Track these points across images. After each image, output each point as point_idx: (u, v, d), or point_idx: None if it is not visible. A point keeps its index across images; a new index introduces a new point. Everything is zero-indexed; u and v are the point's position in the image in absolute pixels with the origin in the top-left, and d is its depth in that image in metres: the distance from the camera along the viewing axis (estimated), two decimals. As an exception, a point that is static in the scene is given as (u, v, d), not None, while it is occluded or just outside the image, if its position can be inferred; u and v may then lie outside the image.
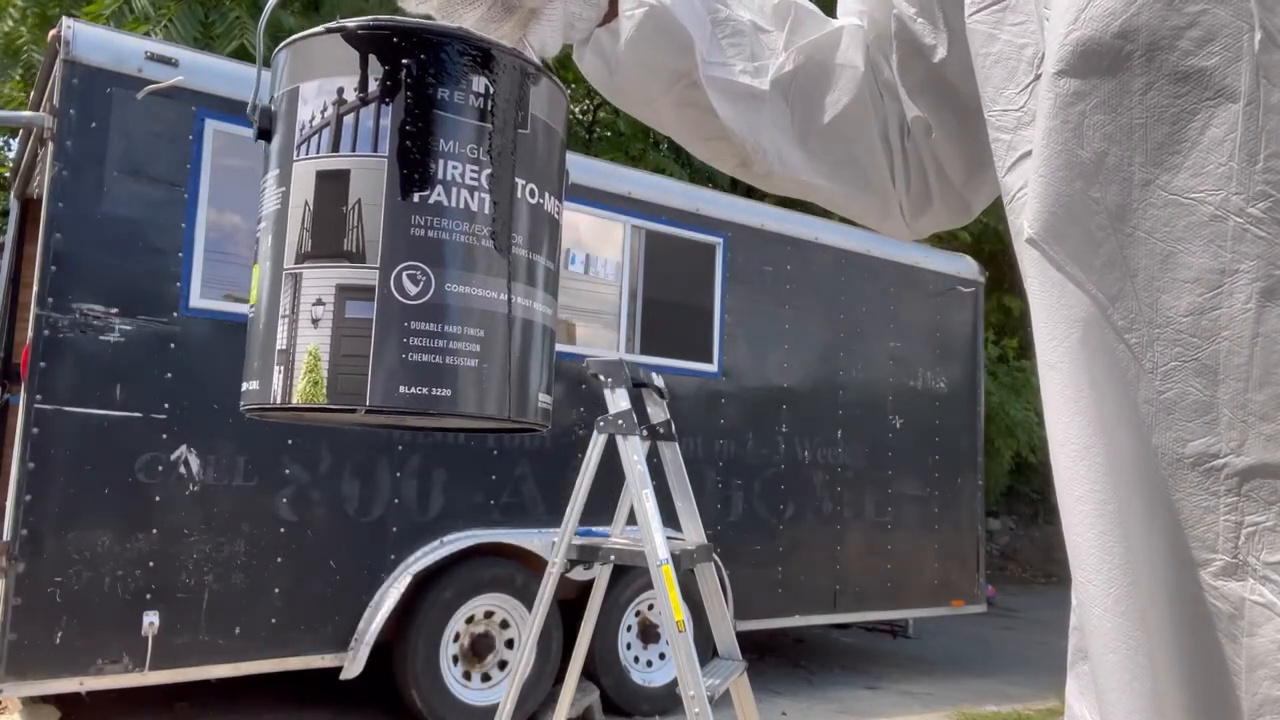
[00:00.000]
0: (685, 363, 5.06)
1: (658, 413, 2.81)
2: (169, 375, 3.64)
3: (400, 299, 0.65)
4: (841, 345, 5.74)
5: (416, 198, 0.66)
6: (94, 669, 3.44)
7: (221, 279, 3.79)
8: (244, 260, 3.90)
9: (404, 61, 0.66)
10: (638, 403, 2.71)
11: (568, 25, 0.73)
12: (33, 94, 4.24)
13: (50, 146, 3.49)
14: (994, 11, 0.57)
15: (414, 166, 0.66)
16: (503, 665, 4.43)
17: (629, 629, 4.85)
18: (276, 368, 0.65)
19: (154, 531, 3.57)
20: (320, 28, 0.68)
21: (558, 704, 2.93)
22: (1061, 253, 0.49)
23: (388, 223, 0.65)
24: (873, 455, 5.82)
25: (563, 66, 7.47)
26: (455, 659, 4.32)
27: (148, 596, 3.54)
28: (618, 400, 2.64)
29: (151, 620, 3.52)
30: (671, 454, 2.77)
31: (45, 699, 3.83)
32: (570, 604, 4.15)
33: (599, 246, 4.90)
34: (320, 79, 0.67)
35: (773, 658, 6.23)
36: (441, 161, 0.66)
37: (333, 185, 0.66)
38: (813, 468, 5.52)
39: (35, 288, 3.45)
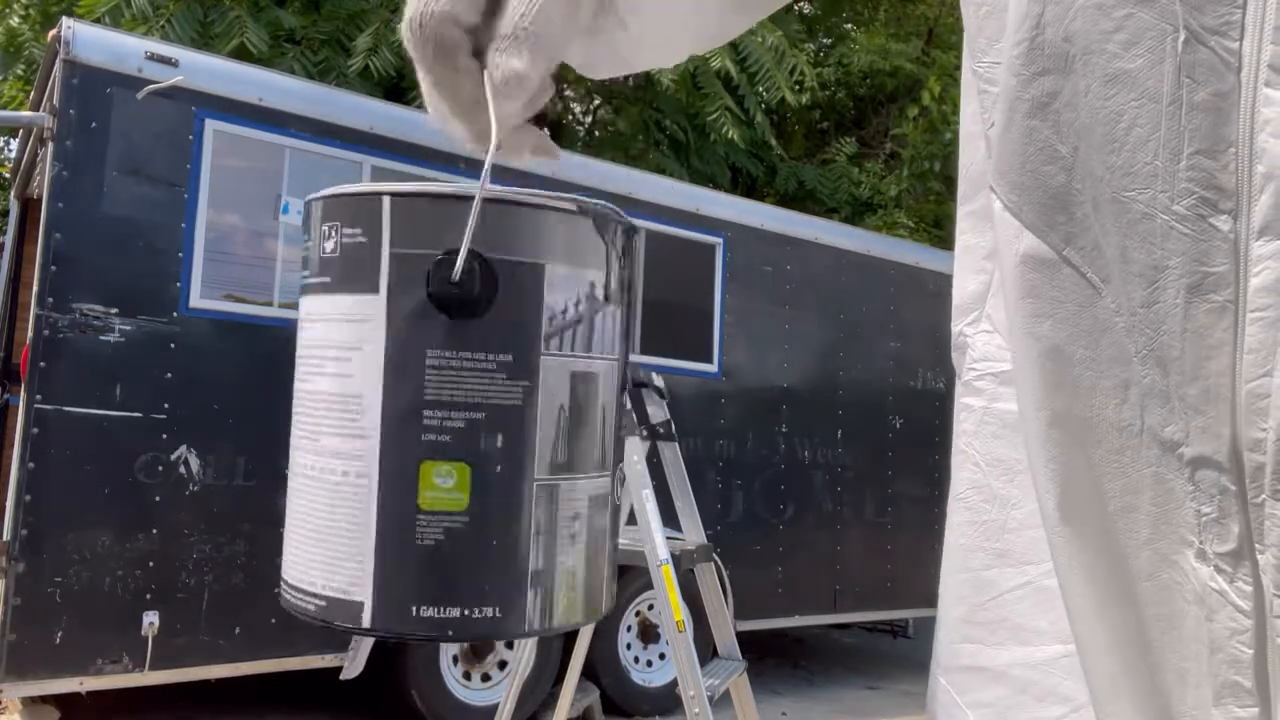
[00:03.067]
0: (685, 363, 5.06)
1: (658, 413, 2.81)
2: (169, 375, 3.64)
3: (616, 503, 0.63)
4: (841, 345, 5.74)
5: (625, 400, 0.64)
6: (94, 669, 3.44)
7: (221, 279, 3.79)
8: (245, 260, 3.90)
9: (627, 257, 0.64)
10: (638, 403, 2.71)
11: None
12: (33, 94, 4.24)
13: (50, 146, 3.49)
14: None
15: (625, 366, 0.64)
16: (503, 665, 4.43)
17: (629, 629, 4.85)
18: (530, 591, 0.59)
19: (154, 531, 3.57)
20: (566, 200, 0.60)
21: (558, 704, 2.93)
22: (1056, 238, 0.51)
23: (615, 426, 0.63)
24: (873, 455, 5.82)
25: (562, 66, 7.45)
26: (455, 659, 4.32)
27: (148, 596, 3.54)
28: (618, 400, 2.63)
29: (151, 620, 3.52)
30: (671, 454, 2.77)
31: (45, 699, 3.83)
32: (570, 604, 4.15)
33: (599, 246, 4.90)
34: (573, 267, 0.60)
35: (773, 658, 6.23)
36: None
37: (585, 388, 0.60)
38: (813, 468, 5.52)
39: (35, 288, 3.45)
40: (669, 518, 2.60)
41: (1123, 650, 0.49)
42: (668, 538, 2.50)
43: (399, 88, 6.64)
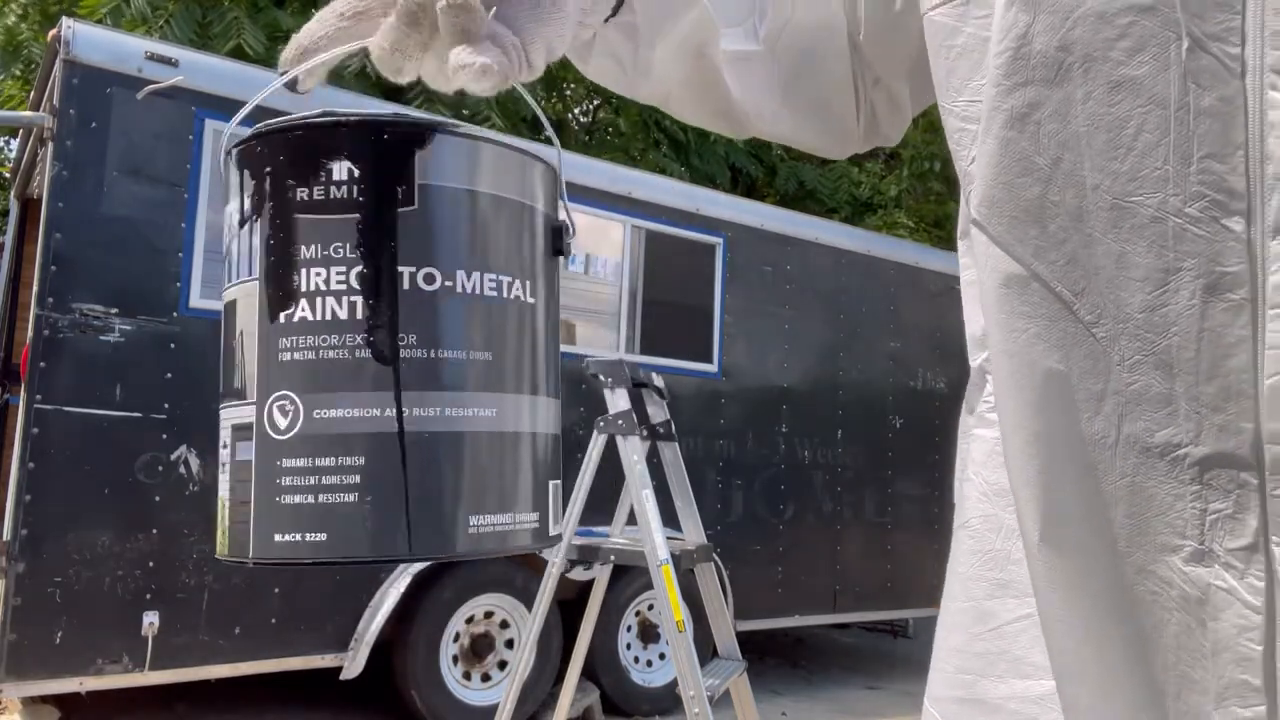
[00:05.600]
0: (685, 363, 5.06)
1: (658, 413, 2.81)
2: (169, 375, 3.64)
3: (273, 435, 0.59)
4: (841, 345, 5.74)
5: (282, 318, 0.59)
6: (94, 669, 3.43)
7: (222, 279, 3.79)
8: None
9: (267, 169, 0.60)
10: (638, 403, 2.71)
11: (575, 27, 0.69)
12: (33, 94, 4.24)
13: (50, 146, 3.49)
14: (956, 6, 0.59)
15: (279, 283, 0.60)
16: (503, 665, 4.43)
17: (629, 629, 4.85)
18: (217, 517, 0.63)
19: (154, 531, 3.57)
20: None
21: (558, 704, 2.93)
22: (1024, 252, 0.51)
23: (259, 351, 0.60)
24: (873, 455, 5.82)
25: (562, 66, 7.46)
26: (455, 659, 4.32)
27: (148, 596, 3.54)
28: (618, 400, 2.64)
29: (151, 620, 3.52)
30: (671, 454, 2.77)
31: (45, 699, 3.83)
32: (570, 604, 4.15)
33: (599, 246, 4.90)
34: (227, 205, 0.64)
35: (773, 658, 6.23)
36: (304, 271, 0.59)
37: (230, 318, 0.63)
38: (813, 468, 5.52)
39: (35, 288, 3.45)
40: (669, 518, 2.61)
41: (1105, 670, 0.49)
42: (668, 538, 2.50)
43: (397, 88, 6.64)
